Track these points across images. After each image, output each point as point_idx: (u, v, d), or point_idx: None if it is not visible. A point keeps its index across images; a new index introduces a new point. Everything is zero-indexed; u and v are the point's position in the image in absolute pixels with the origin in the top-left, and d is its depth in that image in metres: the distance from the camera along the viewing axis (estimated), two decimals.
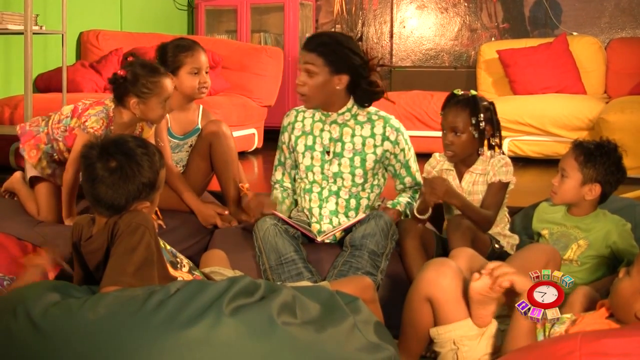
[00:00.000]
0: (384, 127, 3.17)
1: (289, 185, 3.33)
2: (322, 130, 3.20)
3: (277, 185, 3.35)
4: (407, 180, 3.25)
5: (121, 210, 2.21)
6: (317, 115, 3.21)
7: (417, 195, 3.23)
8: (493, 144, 3.05)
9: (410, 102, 6.27)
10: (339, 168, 3.15)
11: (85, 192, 2.26)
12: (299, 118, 3.25)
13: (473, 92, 3.05)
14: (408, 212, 3.20)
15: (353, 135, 3.16)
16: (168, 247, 2.47)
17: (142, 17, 7.05)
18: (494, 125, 3.04)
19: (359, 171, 3.15)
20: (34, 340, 1.97)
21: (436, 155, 3.16)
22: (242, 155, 5.23)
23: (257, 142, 6.33)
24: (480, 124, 2.98)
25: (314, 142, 3.19)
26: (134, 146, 2.23)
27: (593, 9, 7.00)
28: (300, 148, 3.21)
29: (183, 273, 2.41)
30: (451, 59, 7.49)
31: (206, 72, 3.45)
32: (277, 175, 3.35)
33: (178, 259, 2.46)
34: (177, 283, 2.05)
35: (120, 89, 3.06)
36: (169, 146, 3.42)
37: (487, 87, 6.69)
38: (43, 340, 1.96)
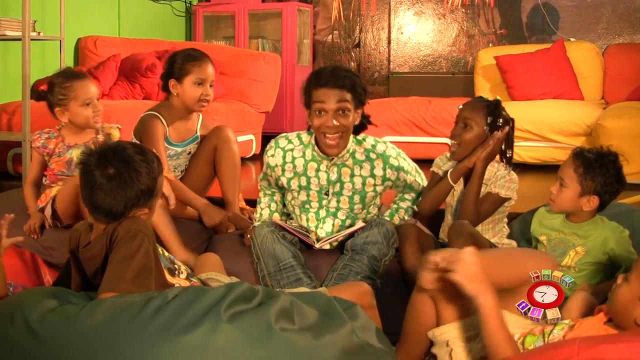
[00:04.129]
0: (384, 169, 3.06)
1: (277, 190, 3.25)
2: (317, 170, 3.05)
3: (266, 193, 3.26)
4: (408, 193, 3.24)
5: (120, 217, 2.21)
6: (309, 154, 3.06)
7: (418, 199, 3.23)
8: (503, 158, 3.05)
9: (407, 108, 6.26)
10: (338, 204, 3.10)
11: (84, 198, 2.26)
12: (288, 159, 3.07)
13: (499, 97, 3.06)
14: (407, 217, 3.20)
15: (352, 176, 3.05)
16: (166, 253, 2.47)
17: (140, 23, 7.05)
18: (508, 139, 3.04)
19: (358, 206, 3.11)
20: (32, 347, 1.97)
21: (447, 153, 3.16)
22: (240, 161, 5.22)
23: (254, 148, 6.33)
24: (499, 126, 2.98)
25: (309, 183, 3.07)
26: (132, 153, 2.23)
27: (590, 15, 7.01)
28: (295, 187, 3.10)
29: (181, 280, 2.41)
30: (449, 65, 7.50)
31: (210, 86, 3.44)
32: (265, 183, 3.26)
33: (176, 266, 2.46)
34: (175, 289, 2.05)
35: (48, 102, 3.20)
36: (165, 155, 3.41)
37: (484, 93, 6.60)
38: (40, 347, 1.96)
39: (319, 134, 2.96)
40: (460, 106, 3.08)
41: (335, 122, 2.90)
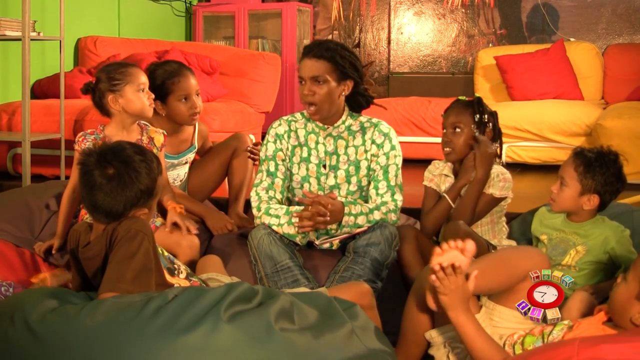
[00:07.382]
0: (373, 132, 3.11)
1: (280, 197, 3.15)
2: (317, 142, 3.13)
3: (272, 202, 3.11)
4: (382, 185, 3.09)
5: (119, 217, 2.21)
6: (310, 126, 3.15)
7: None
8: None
9: (407, 108, 6.27)
10: (335, 181, 3.11)
11: (83, 199, 2.26)
12: (292, 128, 3.17)
13: (477, 95, 3.11)
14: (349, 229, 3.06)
15: (347, 147, 3.11)
16: (166, 253, 2.47)
17: (139, 23, 7.06)
18: (495, 132, 3.07)
19: (354, 179, 3.11)
20: (32, 347, 1.97)
21: (435, 162, 3.18)
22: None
23: None
24: (488, 124, 3.02)
25: (309, 154, 3.13)
26: (132, 153, 2.23)
27: (590, 15, 7.02)
28: (296, 159, 3.14)
29: (180, 279, 2.41)
30: (449, 65, 7.51)
31: (197, 95, 3.36)
32: (263, 194, 3.11)
33: (176, 265, 2.46)
34: (175, 289, 2.05)
35: (96, 93, 2.99)
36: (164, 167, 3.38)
37: (484, 93, 6.70)
38: (40, 347, 1.96)
39: (303, 102, 3.09)
40: (443, 113, 3.11)
41: (308, 91, 3.01)
